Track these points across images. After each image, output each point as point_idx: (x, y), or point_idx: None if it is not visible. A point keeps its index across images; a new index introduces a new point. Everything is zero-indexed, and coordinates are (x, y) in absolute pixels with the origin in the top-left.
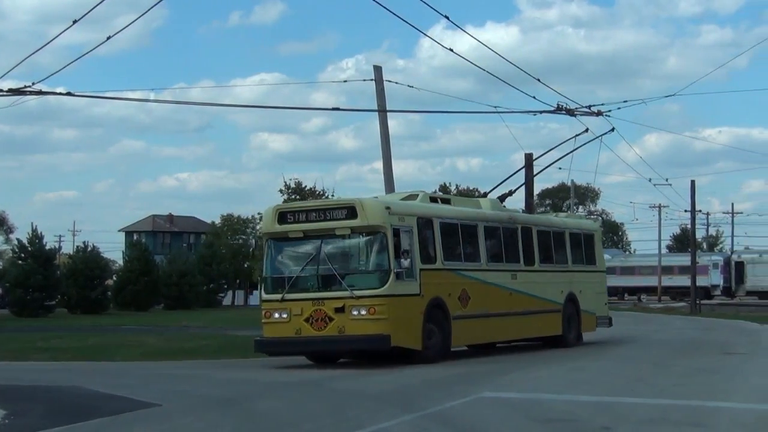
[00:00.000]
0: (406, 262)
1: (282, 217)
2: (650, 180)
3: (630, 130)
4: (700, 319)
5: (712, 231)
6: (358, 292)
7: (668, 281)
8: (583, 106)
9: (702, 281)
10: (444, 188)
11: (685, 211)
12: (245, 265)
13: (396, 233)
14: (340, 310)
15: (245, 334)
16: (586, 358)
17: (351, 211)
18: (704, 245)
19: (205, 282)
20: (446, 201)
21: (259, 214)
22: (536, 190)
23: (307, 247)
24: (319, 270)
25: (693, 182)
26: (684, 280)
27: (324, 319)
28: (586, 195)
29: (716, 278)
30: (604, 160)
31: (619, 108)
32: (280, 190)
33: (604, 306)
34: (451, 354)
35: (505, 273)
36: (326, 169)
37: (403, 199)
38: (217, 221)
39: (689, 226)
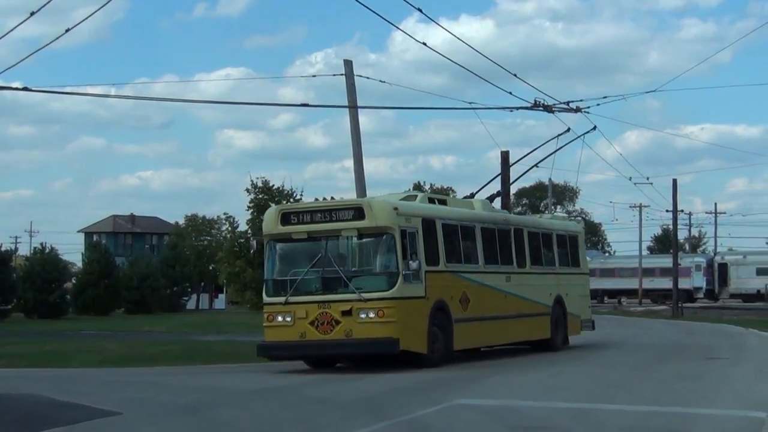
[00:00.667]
0: (414, 264)
1: (285, 218)
2: (630, 179)
3: (610, 127)
4: (683, 323)
5: (695, 232)
6: (366, 294)
7: (649, 284)
8: (561, 103)
9: (684, 284)
10: (417, 187)
11: (667, 211)
12: (210, 267)
13: (403, 234)
14: (347, 313)
15: (210, 339)
16: (568, 362)
17: (358, 211)
18: (686, 246)
19: (169, 285)
20: (443, 202)
21: (224, 213)
22: (512, 189)
23: (312, 249)
24: (324, 272)
25: (675, 181)
26: (666, 283)
27: (330, 323)
28: (564, 194)
29: (699, 281)
30: (583, 157)
31: (598, 104)
32: (247, 190)
33: (587, 309)
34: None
35: (500, 275)
36: (295, 168)
37: (402, 200)
38: (181, 222)
39: (671, 227)
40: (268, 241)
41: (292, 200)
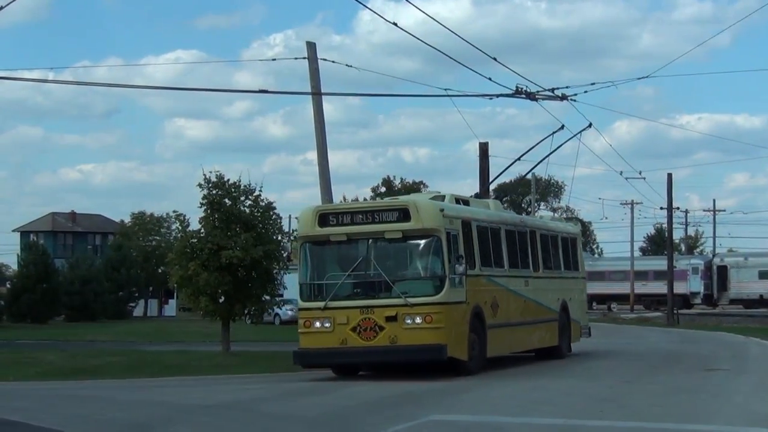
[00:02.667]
0: (460, 268)
1: (323, 219)
2: (621, 173)
3: (598, 116)
4: (678, 331)
5: (692, 231)
6: (413, 299)
7: (642, 288)
8: (545, 89)
9: (680, 288)
10: (387, 182)
11: (661, 208)
12: (159, 270)
13: (448, 237)
14: (391, 319)
15: (160, 349)
16: (550, 373)
17: (403, 213)
18: (682, 247)
19: (113, 290)
20: (465, 202)
21: (174, 211)
22: (492, 185)
23: (352, 252)
24: (367, 276)
25: (670, 176)
26: (660, 287)
27: (373, 329)
28: (548, 190)
29: (696, 285)
30: (568, 149)
31: (585, 92)
32: (199, 185)
33: (585, 315)
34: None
35: (520, 279)
36: (252, 161)
37: (430, 200)
38: (127, 220)
39: (665, 226)
40: (303, 243)
41: (250, 197)
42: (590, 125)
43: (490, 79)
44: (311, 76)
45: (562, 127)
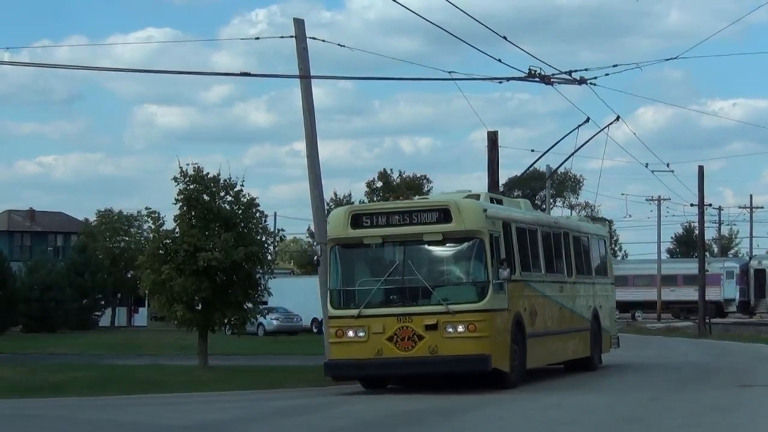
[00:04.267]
0: (505, 273)
1: (356, 220)
2: (647, 165)
3: (621, 102)
4: (711, 343)
5: (725, 230)
6: (454, 306)
7: (670, 294)
8: (561, 72)
9: (713, 294)
10: (384, 176)
11: (691, 205)
12: (129, 275)
13: (491, 240)
14: (432, 328)
15: (128, 363)
16: (573, 388)
17: (444, 213)
18: (715, 248)
19: (77, 297)
20: (499, 201)
21: (146, 208)
22: (501, 178)
23: (387, 255)
24: (404, 281)
25: (701, 168)
26: (690, 293)
27: (412, 338)
28: (564, 184)
29: (731, 291)
30: (586, 138)
31: (607, 74)
32: (174, 179)
33: (615, 323)
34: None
35: (556, 285)
36: (233, 152)
37: (472, 200)
38: (92, 218)
39: (696, 225)
40: (333, 246)
41: (231, 192)
42: (618, 118)
43: (499, 60)
44: (299, 57)
45: (588, 120)
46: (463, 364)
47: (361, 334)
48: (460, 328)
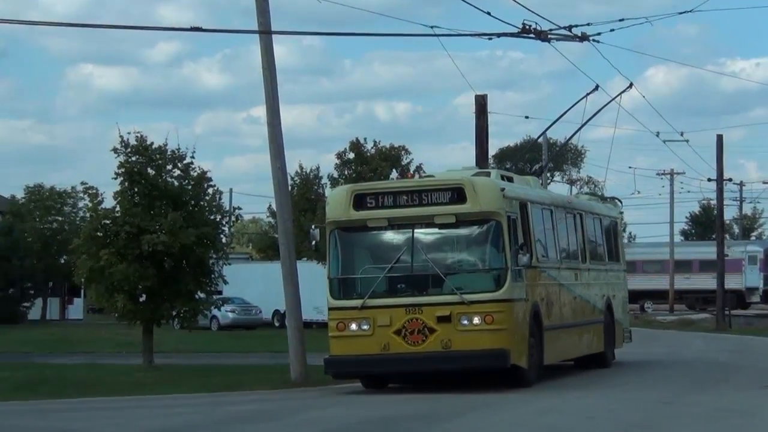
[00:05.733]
0: (524, 258)
1: (359, 200)
2: (658, 134)
3: (628, 62)
4: (730, 338)
5: (748, 209)
6: (470, 296)
7: (684, 282)
8: (560, 27)
9: (733, 282)
10: (356, 146)
11: (709, 179)
12: (62, 261)
13: (509, 222)
14: (444, 319)
15: (62, 362)
16: (568, 390)
17: (458, 193)
18: (736, 230)
19: (3, 286)
20: (510, 179)
21: (82, 183)
22: (491, 149)
23: (395, 240)
24: (413, 268)
25: (720, 138)
26: (707, 281)
27: (422, 331)
28: (564, 156)
29: (754, 278)
30: (589, 103)
31: (612, 30)
32: (114, 149)
33: (627, 314)
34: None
35: (571, 272)
36: (182, 119)
37: (473, 177)
38: (20, 195)
39: (714, 202)
40: (333, 230)
41: (179, 165)
42: (631, 86)
43: (488, 13)
44: (258, 10)
45: (597, 88)
46: (479, 359)
47: (366, 327)
48: (476, 320)
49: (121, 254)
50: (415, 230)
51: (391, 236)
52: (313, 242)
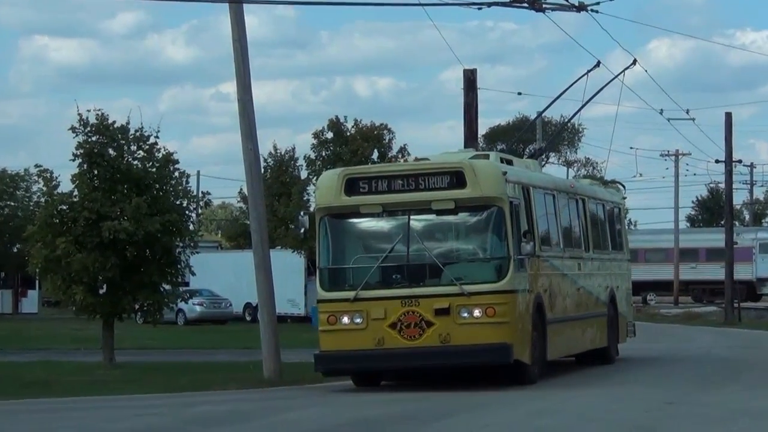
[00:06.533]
0: (528, 247)
1: (351, 185)
2: (662, 112)
3: (628, 33)
4: (740, 332)
5: (759, 193)
6: (470, 287)
7: (690, 272)
8: None
9: (743, 272)
10: (335, 124)
11: (717, 161)
12: (14, 250)
13: (512, 207)
14: (443, 312)
15: (15, 360)
16: (564, 388)
17: (457, 177)
18: (746, 215)
19: None
20: (509, 162)
21: (37, 166)
22: (481, 128)
23: (390, 227)
24: (410, 257)
25: (728, 116)
26: (715, 271)
27: (419, 325)
28: (559, 135)
29: (766, 267)
30: (583, 81)
31: None
32: (72, 128)
33: (631, 307)
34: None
35: (574, 261)
36: (145, 95)
37: (471, 159)
38: None
39: (722, 186)
40: (323, 217)
41: (143, 146)
42: (635, 62)
43: None
44: None
45: (599, 64)
46: (479, 355)
47: (359, 320)
48: (477, 313)
49: (80, 242)
50: (411, 217)
51: (385, 223)
52: (302, 230)
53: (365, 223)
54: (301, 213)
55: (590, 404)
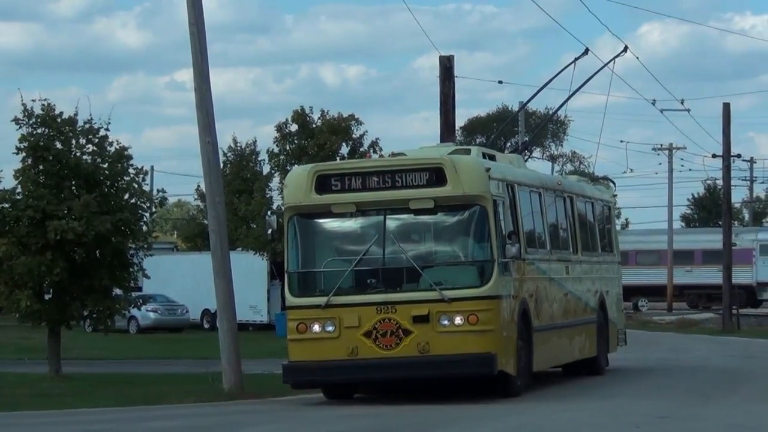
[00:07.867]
0: (513, 249)
1: (322, 182)
2: (654, 103)
3: (617, 16)
4: (739, 341)
5: (759, 190)
6: (450, 292)
7: (685, 276)
8: None
9: (742, 276)
10: (301, 116)
11: (714, 156)
12: None
13: (495, 207)
14: (421, 320)
15: None
16: (551, 402)
17: (436, 174)
18: (745, 215)
19: None
20: (492, 158)
21: None
22: (459, 120)
23: (362, 228)
24: (385, 261)
25: (726, 107)
26: (711, 275)
27: (396, 333)
28: (544, 128)
29: (766, 271)
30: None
31: None
32: (16, 120)
33: (622, 313)
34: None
35: (561, 265)
36: (93, 84)
37: (450, 154)
38: None
39: (720, 182)
40: (292, 217)
41: (92, 139)
42: (625, 49)
43: None
44: None
45: (587, 51)
46: (461, 365)
47: (330, 328)
48: (458, 320)
49: (23, 244)
50: (388, 217)
51: (359, 224)
52: (269, 231)
53: (337, 224)
54: (268, 212)
55: (578, 419)
